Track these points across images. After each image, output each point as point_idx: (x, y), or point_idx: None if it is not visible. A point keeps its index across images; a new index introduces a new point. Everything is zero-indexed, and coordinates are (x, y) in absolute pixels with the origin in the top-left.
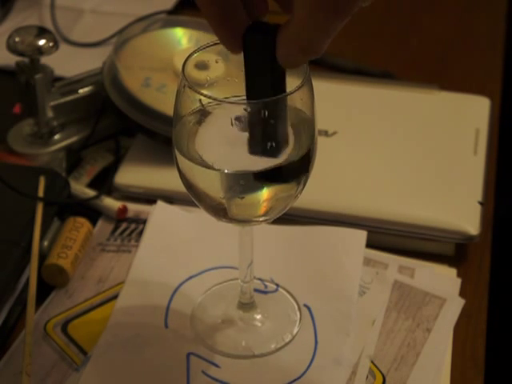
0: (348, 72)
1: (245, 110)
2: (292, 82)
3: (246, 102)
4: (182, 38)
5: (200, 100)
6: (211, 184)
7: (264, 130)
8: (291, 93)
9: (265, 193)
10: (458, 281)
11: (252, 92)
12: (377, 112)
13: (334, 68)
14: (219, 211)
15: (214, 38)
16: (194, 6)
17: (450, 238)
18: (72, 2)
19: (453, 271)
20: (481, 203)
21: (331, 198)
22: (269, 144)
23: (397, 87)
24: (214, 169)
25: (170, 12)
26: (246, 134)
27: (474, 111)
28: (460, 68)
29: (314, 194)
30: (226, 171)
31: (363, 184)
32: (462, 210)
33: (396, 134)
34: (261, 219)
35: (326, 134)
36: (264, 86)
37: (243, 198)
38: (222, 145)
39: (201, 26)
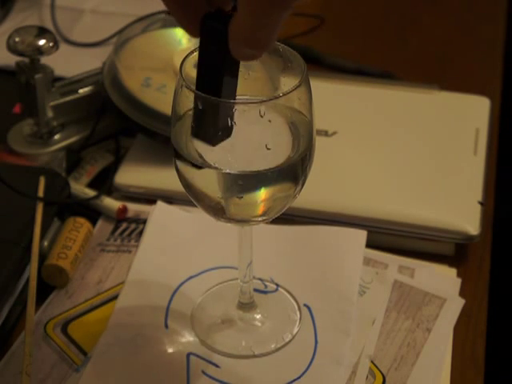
0: (348, 72)
1: (196, 97)
2: (289, 82)
3: (242, 101)
4: (182, 38)
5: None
6: (210, 184)
7: (203, 117)
8: (288, 92)
9: (263, 193)
10: (458, 281)
11: (202, 79)
12: (377, 112)
13: (334, 68)
14: (218, 211)
15: None
16: None
17: (450, 237)
18: (72, 2)
19: (453, 271)
20: (481, 203)
21: (331, 198)
22: (207, 130)
23: (397, 87)
24: (212, 168)
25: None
26: (246, 134)
27: (474, 111)
28: (460, 68)
29: (313, 193)
30: (224, 171)
31: (363, 184)
32: (461, 210)
33: (396, 134)
34: (259, 219)
35: (326, 134)
36: (215, 75)
37: (241, 197)
38: (221, 144)
39: None
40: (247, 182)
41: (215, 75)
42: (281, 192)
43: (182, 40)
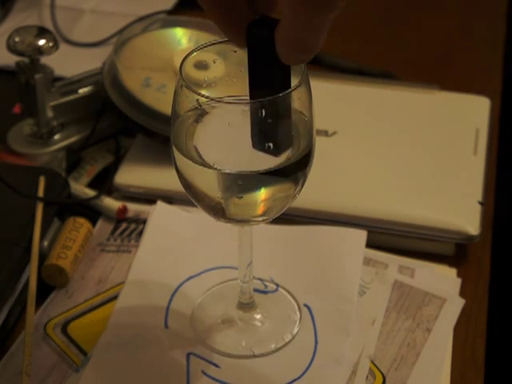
0: (348, 72)
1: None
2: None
3: (243, 102)
4: (181, 38)
5: (197, 100)
6: (209, 184)
7: (265, 128)
8: (288, 92)
9: (263, 193)
10: (458, 281)
11: (255, 87)
12: (377, 112)
13: (334, 68)
14: (217, 211)
15: (213, 38)
16: (194, 5)
17: (450, 237)
18: (72, 2)
19: (453, 271)
20: (481, 203)
21: (331, 198)
22: (269, 143)
23: (397, 87)
24: (212, 168)
25: (170, 12)
26: (245, 134)
27: (474, 111)
28: (460, 68)
29: (313, 194)
30: (224, 171)
31: (363, 184)
32: (461, 210)
33: (396, 134)
34: (259, 219)
35: (326, 134)
36: (267, 81)
37: (241, 197)
38: (220, 144)
39: (201, 26)
40: (247, 182)
41: (267, 83)
42: (281, 192)
43: (181, 40)
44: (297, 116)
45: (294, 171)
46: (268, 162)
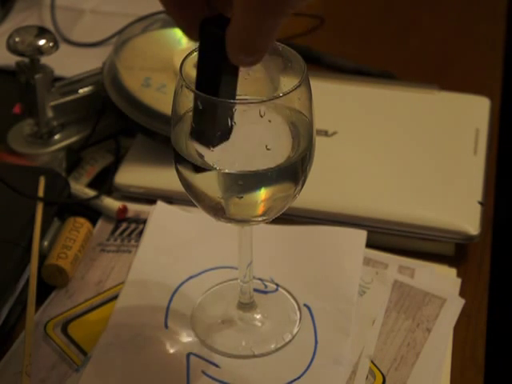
0: (348, 72)
1: (196, 98)
2: (289, 82)
3: (243, 101)
4: (182, 38)
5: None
6: (209, 184)
7: (202, 119)
8: (288, 92)
9: (263, 193)
10: (458, 281)
11: (201, 84)
12: (377, 112)
13: (334, 68)
14: (218, 211)
15: None
16: None
17: (450, 237)
18: (72, 2)
19: (453, 271)
20: (481, 203)
21: (331, 198)
22: (206, 132)
23: (397, 87)
24: (212, 168)
25: None
26: (245, 134)
27: (473, 111)
28: (460, 68)
29: (313, 194)
30: (224, 171)
31: (363, 184)
32: (461, 210)
33: (396, 134)
34: (259, 219)
35: (326, 134)
36: (214, 78)
37: (242, 197)
38: (221, 145)
39: None
40: (247, 182)
41: (214, 78)
42: (281, 192)
43: (181, 40)
44: (297, 116)
45: (295, 171)
46: (268, 161)
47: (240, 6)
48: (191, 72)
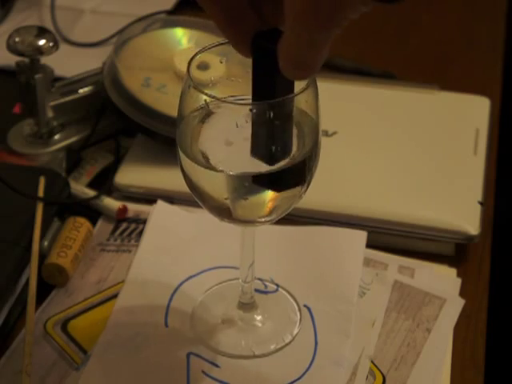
0: (348, 72)
1: (250, 110)
2: (297, 84)
3: (250, 102)
4: (181, 38)
5: (205, 100)
6: (215, 185)
7: (267, 135)
8: (296, 94)
9: (269, 194)
10: (458, 281)
11: (258, 98)
12: (377, 112)
13: (334, 68)
14: (223, 212)
15: (213, 38)
16: (194, 5)
17: (450, 237)
18: (72, 2)
19: (453, 271)
20: (481, 203)
21: (331, 198)
22: (269, 150)
23: (397, 87)
24: (218, 170)
25: (170, 12)
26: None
27: (473, 111)
28: (460, 68)
29: (314, 194)
30: (230, 173)
31: (363, 184)
32: (461, 210)
33: (396, 134)
34: (264, 220)
35: (326, 134)
36: (270, 93)
37: (247, 199)
38: (227, 146)
39: (201, 25)
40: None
41: (269, 93)
42: (287, 192)
43: (181, 40)
44: (303, 117)
45: (300, 172)
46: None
47: (291, 20)
48: (193, 72)
